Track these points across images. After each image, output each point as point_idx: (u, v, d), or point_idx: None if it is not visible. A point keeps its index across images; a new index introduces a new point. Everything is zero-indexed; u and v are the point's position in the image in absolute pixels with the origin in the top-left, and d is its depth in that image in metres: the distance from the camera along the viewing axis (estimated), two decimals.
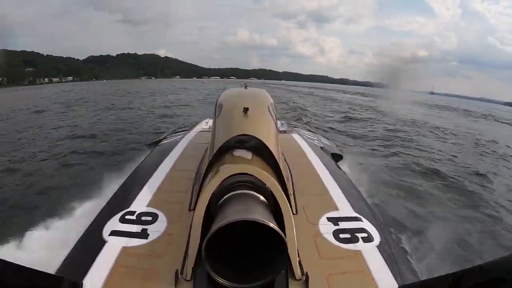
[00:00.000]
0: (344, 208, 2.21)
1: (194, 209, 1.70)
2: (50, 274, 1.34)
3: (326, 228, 1.95)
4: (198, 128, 4.79)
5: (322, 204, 2.25)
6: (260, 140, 2.11)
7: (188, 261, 1.51)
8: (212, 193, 1.64)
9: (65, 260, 1.64)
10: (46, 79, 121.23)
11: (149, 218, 1.97)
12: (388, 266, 1.64)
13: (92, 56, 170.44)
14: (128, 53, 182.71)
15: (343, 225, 1.99)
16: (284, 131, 4.90)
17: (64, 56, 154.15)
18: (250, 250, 1.52)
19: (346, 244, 1.80)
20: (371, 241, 1.84)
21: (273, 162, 2.12)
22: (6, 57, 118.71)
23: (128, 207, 2.09)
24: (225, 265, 1.39)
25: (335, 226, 1.97)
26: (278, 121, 4.54)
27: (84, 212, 3.14)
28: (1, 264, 1.07)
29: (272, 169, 2.05)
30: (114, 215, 1.99)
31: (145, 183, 2.45)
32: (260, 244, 1.48)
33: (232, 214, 1.39)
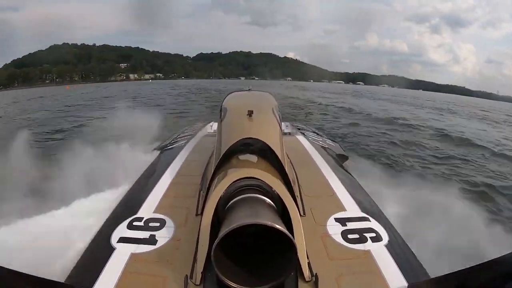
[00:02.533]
0: (352, 209, 2.21)
1: (201, 213, 1.70)
2: (59, 283, 1.36)
3: (334, 229, 1.95)
4: (203, 132, 4.80)
5: (329, 205, 2.25)
6: (265, 143, 2.11)
7: (197, 266, 1.52)
8: (219, 198, 1.65)
9: (74, 268, 1.64)
10: (133, 76, 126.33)
11: (157, 224, 1.97)
12: (398, 265, 1.65)
13: (201, 54, 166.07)
14: (240, 51, 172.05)
15: (351, 225, 2.00)
16: (289, 133, 4.91)
17: (172, 53, 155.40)
18: (259, 253, 1.52)
19: (354, 245, 1.81)
20: (380, 241, 1.85)
21: (279, 165, 2.12)
22: (99, 52, 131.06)
23: (135, 213, 2.10)
24: (234, 269, 1.40)
25: (343, 227, 1.97)
26: (283, 123, 4.54)
27: None
28: (12, 274, 1.08)
29: (278, 172, 2.06)
30: (121, 222, 2.00)
31: (151, 189, 2.45)
32: (269, 247, 1.48)
33: (240, 217, 1.39)
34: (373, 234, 1.90)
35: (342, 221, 2.04)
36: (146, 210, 2.14)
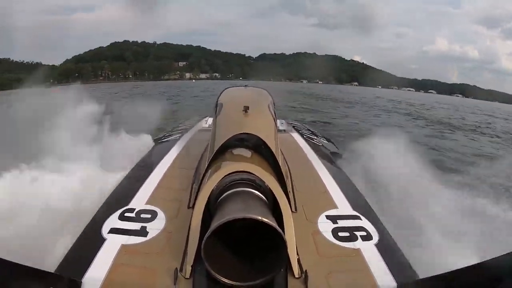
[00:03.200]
0: (343, 207, 2.21)
1: (193, 206, 1.70)
2: (49, 272, 1.35)
3: (325, 226, 1.95)
4: (198, 126, 4.81)
5: (321, 202, 2.26)
6: (260, 138, 2.12)
7: (188, 259, 1.52)
8: (211, 191, 1.65)
9: (64, 258, 1.63)
10: (189, 75, 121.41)
11: (148, 216, 1.98)
12: (387, 265, 1.64)
13: (264, 54, 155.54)
14: (305, 52, 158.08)
15: (342, 223, 2.00)
16: (284, 130, 4.90)
17: (234, 52, 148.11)
18: (249, 247, 1.52)
19: (345, 243, 1.81)
20: (370, 240, 1.85)
21: (273, 161, 2.13)
22: (158, 50, 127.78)
23: (127, 204, 2.10)
24: (224, 263, 1.40)
25: (334, 224, 1.97)
26: (278, 120, 4.50)
27: None
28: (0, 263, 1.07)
29: (271, 167, 2.07)
30: (113, 212, 2.00)
31: (144, 181, 2.45)
32: (259, 242, 1.48)
33: (231, 211, 1.40)
34: (364, 233, 1.90)
35: (333, 218, 2.04)
36: (138, 201, 2.14)
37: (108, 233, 1.81)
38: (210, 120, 4.84)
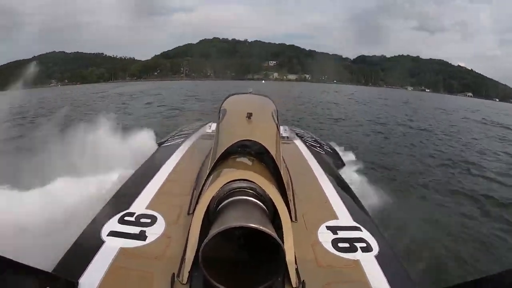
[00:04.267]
0: (344, 217, 2.20)
1: (193, 213, 1.70)
2: (46, 272, 1.35)
3: (325, 237, 1.95)
4: (201, 131, 4.78)
5: (321, 212, 2.25)
6: (263, 145, 2.13)
7: (185, 265, 1.52)
8: (212, 198, 1.66)
9: (62, 258, 1.64)
10: (276, 74, 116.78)
11: (148, 220, 1.99)
12: (386, 277, 1.63)
13: (362, 56, 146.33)
14: (407, 55, 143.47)
15: (342, 234, 1.99)
16: (287, 136, 4.85)
17: (330, 53, 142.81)
18: (247, 255, 1.52)
19: (344, 253, 1.80)
20: (370, 251, 1.83)
21: (275, 168, 2.14)
22: (247, 48, 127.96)
23: (127, 208, 2.12)
24: (222, 270, 1.40)
25: (334, 235, 1.97)
26: (281, 127, 4.54)
27: None
28: None
29: (273, 176, 2.07)
30: (113, 215, 2.02)
31: (145, 185, 2.47)
32: (257, 251, 1.48)
33: (231, 219, 1.40)
34: (364, 244, 1.89)
35: (334, 229, 2.03)
36: (139, 206, 2.16)
37: (107, 236, 1.82)
38: (213, 126, 4.83)
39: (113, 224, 1.94)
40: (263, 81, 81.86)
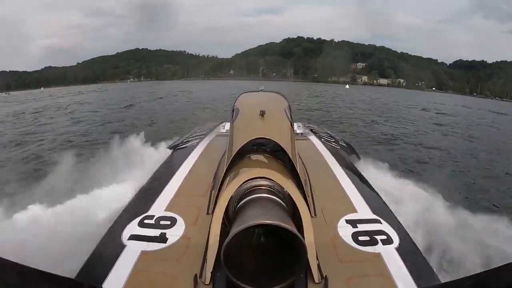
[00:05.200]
0: (363, 210, 2.18)
1: (212, 213, 1.71)
2: (70, 279, 1.36)
3: (345, 231, 1.94)
4: (215, 131, 4.77)
5: (340, 206, 2.24)
6: (277, 143, 2.14)
7: (207, 265, 1.52)
8: (230, 197, 1.66)
9: (85, 264, 1.66)
10: (363, 78, 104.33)
11: (168, 222, 2.00)
12: (408, 269, 1.62)
13: (460, 61, 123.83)
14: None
15: (362, 227, 1.98)
16: (301, 133, 4.80)
17: (424, 57, 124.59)
18: (269, 253, 1.51)
19: (365, 247, 1.79)
20: (391, 244, 1.82)
21: (290, 165, 2.14)
22: (332, 47, 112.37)
23: (146, 211, 2.14)
24: (244, 268, 1.39)
25: (353, 229, 1.96)
26: (295, 123, 4.50)
27: None
28: (23, 269, 1.08)
29: (289, 172, 2.07)
30: (133, 219, 2.03)
31: (163, 188, 2.49)
32: (279, 248, 1.47)
33: (251, 218, 1.40)
34: (384, 237, 1.87)
35: (353, 222, 2.02)
36: (158, 208, 2.18)
37: (128, 239, 1.83)
38: (227, 125, 4.81)
39: (133, 227, 1.96)
40: (347, 86, 61.32)
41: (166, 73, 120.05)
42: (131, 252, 1.73)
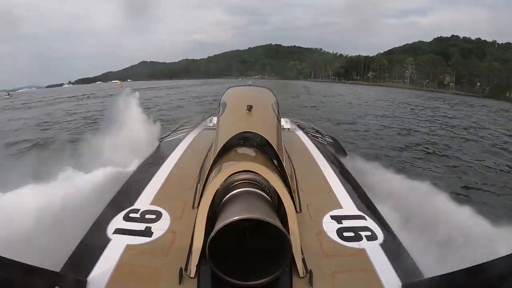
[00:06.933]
0: (348, 206, 2.20)
1: (198, 206, 1.70)
2: (54, 272, 1.35)
3: (329, 226, 1.95)
4: (202, 125, 4.74)
5: (326, 202, 2.24)
6: (264, 137, 2.14)
7: (192, 259, 1.53)
8: (216, 191, 1.65)
9: (70, 257, 1.65)
10: None
11: (153, 216, 1.99)
12: (392, 264, 1.64)
13: None
14: None
15: (346, 223, 1.99)
16: (288, 128, 4.80)
17: None
18: (254, 247, 1.52)
19: (349, 242, 1.81)
20: (375, 240, 1.84)
21: (277, 160, 2.15)
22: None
23: (132, 205, 2.12)
24: (229, 262, 1.39)
25: (338, 224, 1.97)
26: (282, 119, 4.48)
27: None
28: (5, 262, 1.08)
29: (275, 167, 2.08)
30: (118, 213, 2.02)
31: (148, 181, 2.47)
32: (264, 242, 1.48)
33: (236, 212, 1.40)
34: (369, 233, 1.89)
35: (338, 218, 2.04)
36: (143, 202, 2.16)
37: (113, 233, 1.83)
38: (214, 119, 4.77)
39: (118, 221, 1.95)
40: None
41: (292, 70, 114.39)
42: (116, 245, 1.73)
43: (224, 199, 1.63)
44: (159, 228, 1.88)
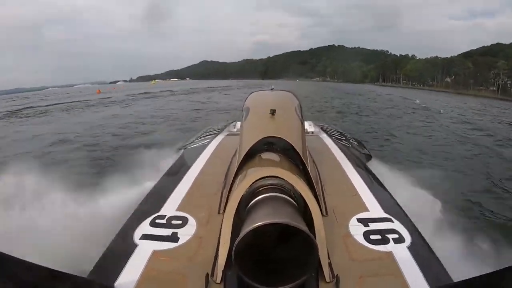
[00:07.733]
0: (374, 209, 2.17)
1: (223, 212, 1.72)
2: (82, 278, 1.37)
3: (356, 230, 1.93)
4: (226, 131, 4.77)
5: (351, 205, 2.23)
6: (288, 142, 2.14)
7: (218, 264, 1.54)
8: (241, 196, 1.66)
9: (96, 263, 1.68)
10: None
11: (179, 222, 2.02)
12: (420, 268, 1.61)
13: None
14: None
15: (373, 226, 1.97)
16: (312, 132, 4.83)
17: None
18: (280, 252, 1.50)
19: (376, 246, 1.79)
20: (402, 242, 1.81)
21: (301, 164, 2.14)
22: None
23: (158, 211, 2.15)
24: (255, 267, 1.39)
25: (365, 227, 1.95)
26: (306, 122, 4.46)
27: None
28: (32, 266, 1.09)
29: (300, 171, 2.07)
30: (144, 219, 2.05)
31: (174, 187, 2.51)
32: (290, 247, 1.46)
33: (262, 217, 1.40)
34: (396, 236, 1.86)
35: (365, 221, 2.01)
36: (169, 208, 2.19)
37: (140, 239, 1.85)
38: (238, 124, 4.78)
39: (145, 227, 1.98)
40: None
41: (356, 73, 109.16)
42: (143, 251, 1.75)
43: (250, 204, 1.63)
44: (185, 234, 1.90)
